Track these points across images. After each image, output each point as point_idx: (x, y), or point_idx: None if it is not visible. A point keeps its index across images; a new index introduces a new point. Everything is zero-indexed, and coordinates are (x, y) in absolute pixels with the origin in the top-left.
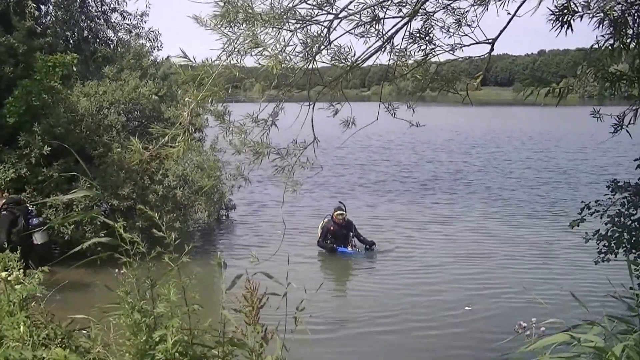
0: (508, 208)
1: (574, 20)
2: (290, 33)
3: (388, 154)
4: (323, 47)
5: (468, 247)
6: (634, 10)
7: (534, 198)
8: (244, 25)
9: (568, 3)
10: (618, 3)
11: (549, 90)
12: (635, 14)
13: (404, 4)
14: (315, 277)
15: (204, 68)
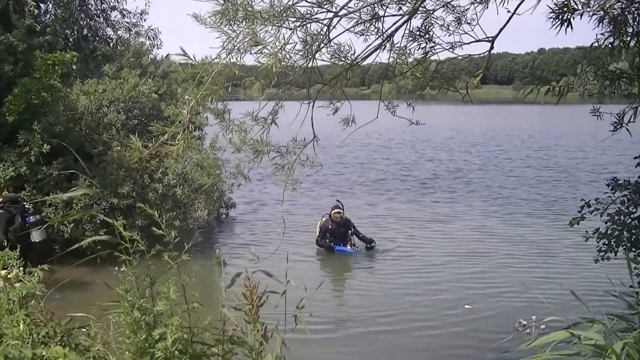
0: (508, 207)
1: (574, 19)
2: (290, 31)
3: (388, 153)
4: (323, 45)
5: (468, 245)
6: (634, 8)
7: (534, 197)
8: (244, 23)
9: (568, 1)
10: (618, 1)
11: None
12: (635, 12)
13: (404, 2)
14: (315, 276)
15: (204, 66)
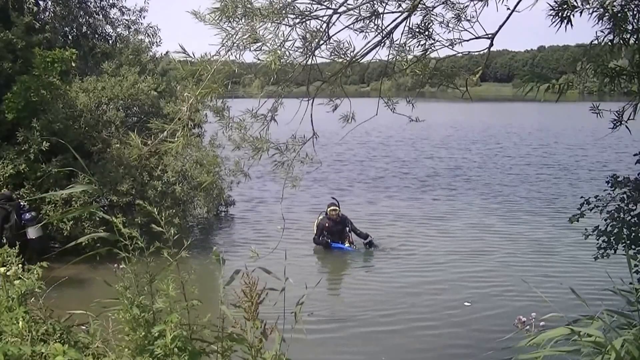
0: (508, 204)
1: (574, 16)
2: (289, 28)
3: (387, 150)
4: (322, 42)
5: (468, 243)
6: (634, 5)
7: (534, 194)
8: (243, 20)
9: None
10: None
11: (549, 87)
12: (635, 9)
13: None
14: (314, 273)
15: (203, 64)
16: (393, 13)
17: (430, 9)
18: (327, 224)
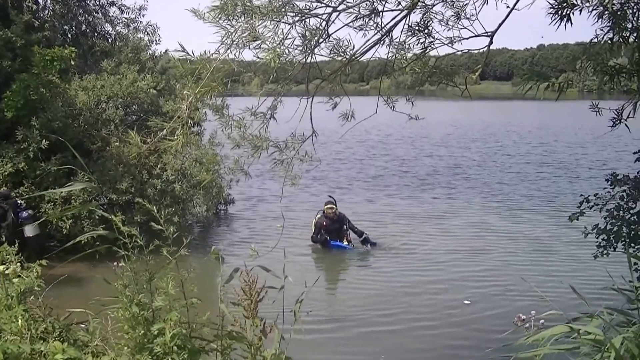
0: (507, 203)
1: (573, 14)
2: (289, 26)
3: (387, 149)
4: (322, 40)
5: (467, 242)
6: (633, 3)
7: (534, 193)
8: (242, 18)
9: None
10: None
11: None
12: (635, 7)
13: None
14: (313, 272)
15: (202, 62)
16: (392, 11)
17: (430, 7)
18: (324, 223)
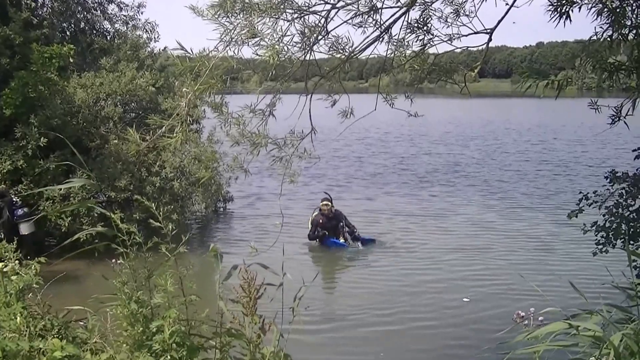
0: (506, 201)
1: (572, 11)
2: (288, 23)
3: (386, 147)
4: (321, 37)
5: (466, 240)
6: (632, 1)
7: (533, 190)
8: (241, 15)
9: None
10: None
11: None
12: (634, 4)
13: None
14: (312, 270)
15: (201, 59)
16: (392, 8)
17: (429, 4)
18: (321, 220)
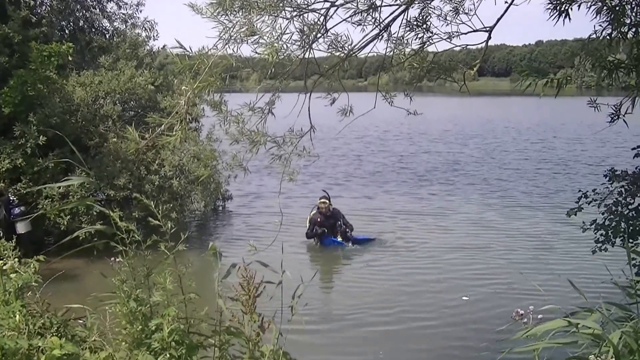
0: (506, 199)
1: (572, 10)
2: (287, 21)
3: (385, 145)
4: (320, 35)
5: (466, 238)
6: None
7: (532, 189)
8: (240, 13)
9: None
10: None
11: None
12: (633, 2)
13: None
14: (311, 268)
15: (200, 57)
16: (391, 6)
17: (428, 2)
18: (319, 219)
